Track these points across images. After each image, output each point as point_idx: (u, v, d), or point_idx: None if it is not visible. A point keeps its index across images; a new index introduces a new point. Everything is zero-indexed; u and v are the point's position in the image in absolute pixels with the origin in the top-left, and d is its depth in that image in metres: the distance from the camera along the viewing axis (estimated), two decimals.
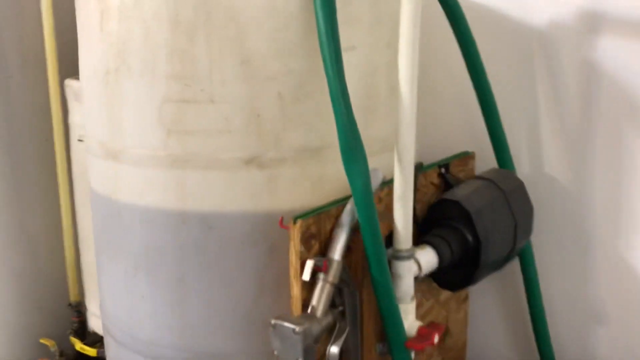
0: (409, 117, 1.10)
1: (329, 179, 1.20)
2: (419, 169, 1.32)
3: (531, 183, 1.51)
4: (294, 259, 1.08)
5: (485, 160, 1.50)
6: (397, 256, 1.15)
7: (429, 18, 1.38)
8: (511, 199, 1.34)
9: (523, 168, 1.55)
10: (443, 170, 1.40)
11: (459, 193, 1.29)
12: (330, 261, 1.07)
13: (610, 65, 1.39)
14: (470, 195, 1.29)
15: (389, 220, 1.16)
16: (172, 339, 1.28)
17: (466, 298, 1.62)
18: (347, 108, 1.06)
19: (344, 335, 1.12)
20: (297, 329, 0.99)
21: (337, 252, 1.09)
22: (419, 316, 1.37)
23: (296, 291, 1.09)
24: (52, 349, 2.06)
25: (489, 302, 1.70)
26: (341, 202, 1.15)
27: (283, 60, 1.13)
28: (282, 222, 1.09)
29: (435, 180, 1.40)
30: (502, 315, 1.68)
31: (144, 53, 1.15)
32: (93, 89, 1.27)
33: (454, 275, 1.32)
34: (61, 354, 2.08)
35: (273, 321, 1.02)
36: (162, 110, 1.16)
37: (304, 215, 1.08)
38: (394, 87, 1.25)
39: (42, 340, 2.08)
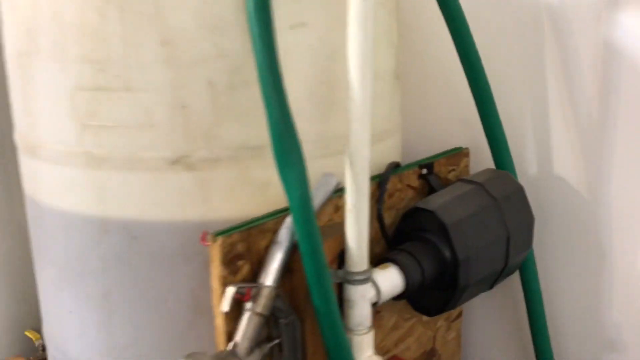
0: (361, 110, 0.89)
1: (278, 184, 1.00)
2: (391, 170, 1.11)
3: (538, 186, 1.29)
4: (215, 285, 0.89)
5: (487, 158, 1.28)
6: (349, 279, 0.95)
7: None
8: (504, 207, 1.12)
9: (529, 168, 1.31)
10: (425, 170, 1.18)
11: (436, 201, 1.08)
12: (258, 288, 0.88)
13: (633, 47, 1.14)
14: (450, 203, 1.07)
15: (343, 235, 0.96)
16: None
17: (459, 316, 1.41)
18: (280, 98, 0.86)
19: None
20: None
21: (269, 276, 0.89)
22: (394, 341, 1.17)
23: (219, 322, 0.90)
24: (36, 343, 1.96)
25: (487, 320, 1.48)
26: (281, 214, 0.95)
27: (213, 40, 0.93)
28: (205, 238, 0.90)
29: (415, 182, 1.18)
30: (502, 336, 1.46)
31: (53, 32, 0.97)
32: (10, 74, 1.11)
33: (430, 298, 1.11)
34: (44, 349, 1.97)
35: (183, 359, 0.83)
36: (75, 100, 0.98)
37: (227, 230, 0.89)
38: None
39: (27, 333, 1.99)
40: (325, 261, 0.88)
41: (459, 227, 1.04)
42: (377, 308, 1.11)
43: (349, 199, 0.92)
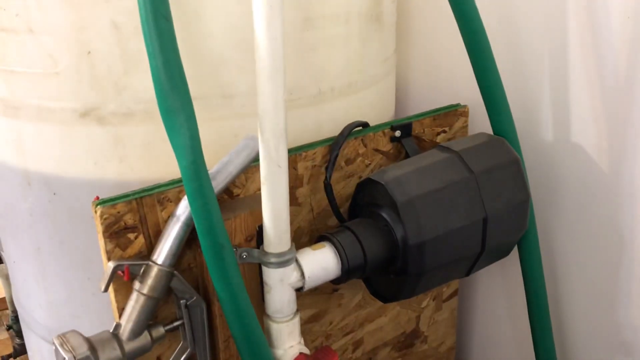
0: (268, 63, 0.73)
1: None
2: (348, 132, 0.95)
3: (552, 155, 1.08)
4: (103, 259, 0.79)
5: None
6: (265, 261, 0.82)
7: None
8: (483, 182, 0.93)
9: (544, 134, 1.09)
10: (398, 132, 1.00)
11: (393, 172, 0.90)
12: (146, 266, 0.77)
13: None
14: (410, 175, 0.90)
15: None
16: (42, 318, 1.08)
17: (453, 294, 1.24)
18: (164, 46, 0.71)
19: (184, 358, 0.83)
20: (69, 358, 0.72)
21: (161, 253, 0.78)
22: (359, 321, 1.05)
23: (112, 298, 0.81)
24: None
25: (489, 299, 1.30)
26: None
27: None
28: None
29: (385, 146, 1.01)
30: (506, 316, 1.28)
31: None
32: None
33: (384, 283, 0.96)
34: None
35: (54, 339, 0.75)
36: None
37: (114, 199, 0.78)
38: (306, 17, 0.88)
39: None
40: (225, 239, 0.75)
41: (414, 205, 0.87)
42: (334, 286, 0.98)
43: (261, 170, 0.78)
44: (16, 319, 1.75)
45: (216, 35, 0.85)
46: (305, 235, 0.96)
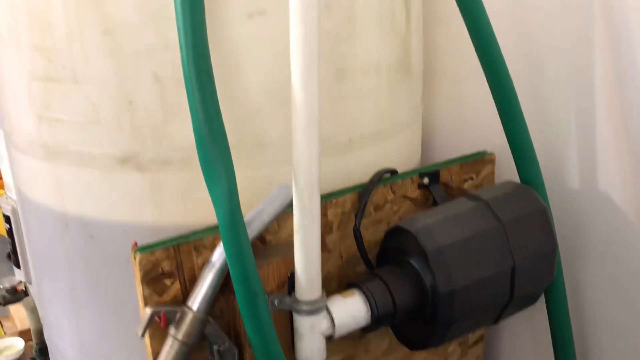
0: (305, 116, 0.75)
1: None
2: (377, 179, 0.97)
3: (579, 203, 1.08)
4: (140, 304, 0.81)
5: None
6: (296, 309, 0.83)
7: None
8: (512, 231, 0.93)
9: (571, 182, 1.10)
10: (426, 180, 1.02)
11: (423, 220, 0.92)
12: (181, 313, 0.79)
13: None
14: (439, 224, 0.91)
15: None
16: (73, 357, 1.10)
17: (479, 340, 1.24)
18: (205, 99, 0.74)
19: None
20: None
21: (196, 300, 0.80)
22: None
23: (147, 342, 0.83)
24: None
25: (516, 345, 1.29)
26: None
27: (158, 30, 0.83)
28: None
29: (413, 193, 1.02)
30: None
31: (8, 18, 0.93)
32: None
33: (413, 330, 0.96)
34: None
35: None
36: (31, 89, 0.93)
37: (152, 245, 0.81)
38: (340, 69, 0.91)
39: None
40: (258, 287, 0.77)
41: (444, 254, 0.88)
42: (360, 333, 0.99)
43: (295, 218, 0.80)
44: (40, 351, 1.78)
45: (253, 87, 0.88)
46: (334, 281, 0.98)
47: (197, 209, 0.91)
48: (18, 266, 1.38)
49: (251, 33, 0.85)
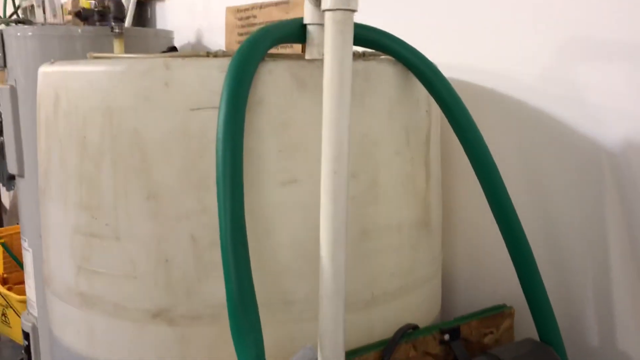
0: (333, 279, 0.80)
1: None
2: (400, 336, 0.99)
3: None
4: None
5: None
6: None
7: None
8: None
9: (590, 339, 1.12)
10: (447, 336, 1.04)
11: None
12: None
13: None
14: None
15: None
16: None
17: None
18: (241, 266, 0.80)
19: None
20: None
21: None
22: None
23: None
24: None
25: None
26: None
27: (197, 196, 0.90)
28: None
29: (435, 349, 1.04)
30: None
31: (60, 175, 1.01)
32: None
33: None
34: None
35: None
36: (73, 242, 0.99)
37: None
38: (364, 230, 0.96)
39: None
40: None
41: None
42: None
43: None
44: None
45: (282, 247, 0.93)
46: None
47: None
48: None
49: (283, 199, 0.91)
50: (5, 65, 1.94)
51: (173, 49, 1.38)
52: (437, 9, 1.30)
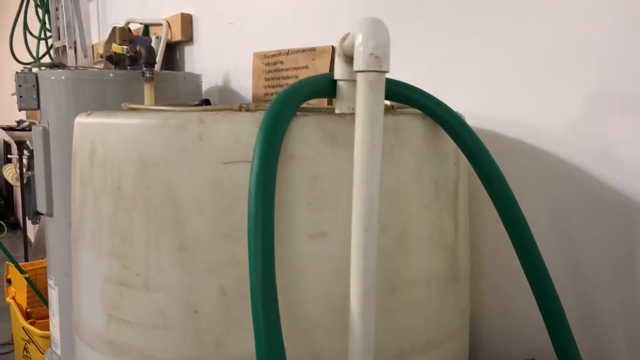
0: (363, 334, 0.80)
1: None
2: None
3: None
4: None
5: None
6: None
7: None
8: None
9: None
10: None
11: None
12: None
13: None
14: None
15: None
16: None
17: None
18: (271, 321, 0.80)
19: None
20: None
21: None
22: None
23: None
24: None
25: None
26: None
27: (228, 249, 0.91)
28: None
29: None
30: None
31: (93, 224, 1.03)
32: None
33: None
34: None
35: None
36: (104, 290, 1.01)
37: None
38: (393, 284, 0.96)
39: None
40: None
41: None
42: None
43: None
44: None
45: (311, 301, 0.93)
46: None
47: None
48: None
49: (312, 252, 0.92)
50: (39, 107, 1.99)
51: (206, 102, 1.41)
52: (464, 57, 1.31)
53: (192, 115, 0.92)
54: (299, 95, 0.92)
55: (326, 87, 0.95)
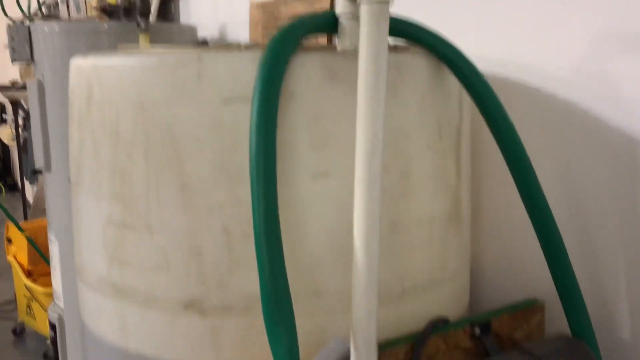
0: (366, 274, 0.80)
1: None
2: (430, 329, 0.99)
3: (633, 357, 1.07)
4: None
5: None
6: None
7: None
8: None
9: (623, 334, 1.10)
10: (477, 330, 1.04)
11: None
12: None
13: None
14: None
15: None
16: None
17: None
18: (275, 258, 0.80)
19: None
20: None
21: None
22: None
23: None
24: None
25: None
26: None
27: (230, 188, 0.91)
28: None
29: (465, 343, 1.04)
30: None
31: (92, 167, 1.02)
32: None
33: None
34: None
35: None
36: (106, 233, 1.00)
37: None
38: (395, 223, 0.96)
39: None
40: None
41: None
42: None
43: None
44: None
45: (313, 240, 0.93)
46: None
47: (255, 353, 0.94)
48: None
49: (315, 192, 0.91)
50: (32, 58, 1.96)
51: (204, 42, 1.39)
52: (468, 1, 1.29)
53: (190, 53, 0.90)
54: (298, 32, 0.90)
55: (328, 22, 0.93)
